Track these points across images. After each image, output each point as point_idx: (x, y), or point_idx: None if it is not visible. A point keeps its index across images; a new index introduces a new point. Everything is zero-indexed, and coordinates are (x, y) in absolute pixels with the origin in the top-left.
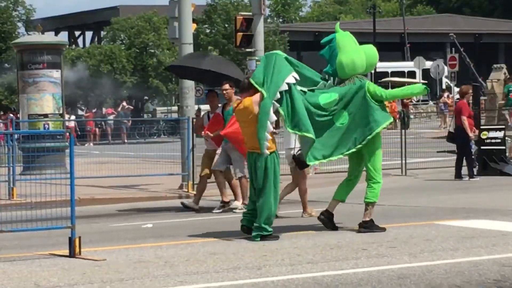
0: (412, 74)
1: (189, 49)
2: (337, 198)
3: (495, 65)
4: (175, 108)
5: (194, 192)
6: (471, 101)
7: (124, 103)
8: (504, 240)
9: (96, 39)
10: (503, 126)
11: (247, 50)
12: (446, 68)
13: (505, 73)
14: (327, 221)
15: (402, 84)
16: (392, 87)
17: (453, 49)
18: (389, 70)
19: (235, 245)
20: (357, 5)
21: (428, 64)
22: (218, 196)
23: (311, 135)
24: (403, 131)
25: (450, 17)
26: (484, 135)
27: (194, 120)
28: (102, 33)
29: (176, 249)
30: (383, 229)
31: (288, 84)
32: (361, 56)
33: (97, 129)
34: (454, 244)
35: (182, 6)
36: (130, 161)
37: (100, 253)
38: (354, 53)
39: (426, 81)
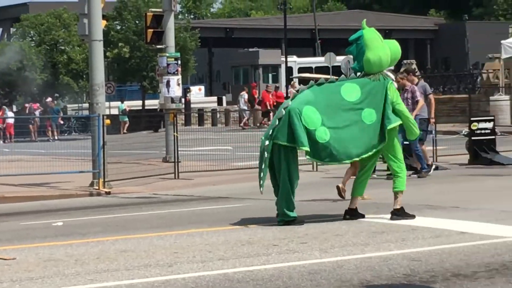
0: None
1: (99, 46)
2: (356, 195)
3: (405, 61)
4: (86, 105)
5: (105, 190)
6: None
7: (49, 99)
8: (414, 234)
9: (5, 36)
10: (493, 118)
11: (158, 46)
12: None
13: (414, 69)
14: (354, 218)
15: (314, 79)
16: (303, 82)
17: None
18: (313, 66)
19: (146, 242)
20: (268, 1)
21: (339, 59)
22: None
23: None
24: None
25: (361, 13)
26: (474, 126)
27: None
28: (12, 30)
29: (86, 247)
30: (413, 216)
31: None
32: (387, 52)
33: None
34: (364, 239)
35: (92, 2)
36: (40, 159)
37: (9, 252)
38: (380, 50)
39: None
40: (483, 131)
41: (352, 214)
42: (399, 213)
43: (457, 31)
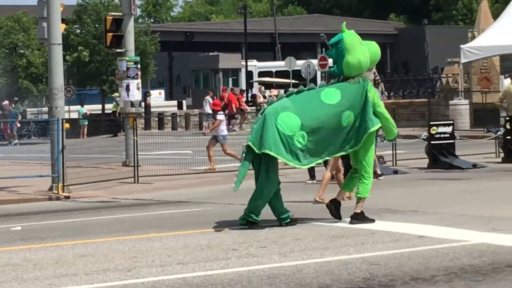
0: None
1: (58, 49)
2: (345, 189)
3: None
4: (46, 109)
5: (65, 194)
6: None
7: (6, 102)
8: (373, 238)
9: None
10: (452, 122)
11: (118, 50)
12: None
13: (374, 73)
14: (333, 209)
15: (279, 84)
16: (264, 86)
17: (324, 49)
18: (274, 70)
19: (105, 247)
20: (228, 5)
21: (299, 64)
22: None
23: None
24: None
25: (321, 18)
26: (433, 130)
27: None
28: None
29: (45, 251)
30: (373, 221)
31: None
32: (366, 55)
33: None
34: (324, 243)
35: (51, 6)
36: None
37: None
38: (360, 53)
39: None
40: (442, 135)
41: (335, 204)
42: (358, 217)
43: (417, 35)
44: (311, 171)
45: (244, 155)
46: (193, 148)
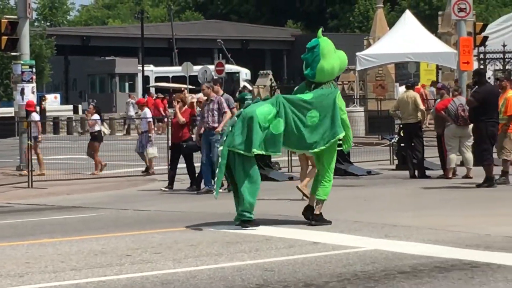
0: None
1: None
2: (314, 193)
3: (261, 71)
4: None
5: None
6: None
7: None
8: (268, 245)
9: None
10: None
11: (13, 53)
12: (213, 73)
13: (271, 79)
14: (322, 220)
15: (179, 89)
16: (160, 91)
17: (221, 55)
18: (170, 75)
19: None
20: (125, 10)
21: (196, 69)
22: None
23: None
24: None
25: (218, 23)
26: None
27: None
28: None
29: None
30: (330, 222)
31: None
32: (338, 62)
33: None
34: (218, 249)
35: None
36: None
37: None
38: (334, 60)
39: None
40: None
41: (312, 211)
42: (318, 219)
43: None
44: (172, 178)
45: (220, 160)
46: None
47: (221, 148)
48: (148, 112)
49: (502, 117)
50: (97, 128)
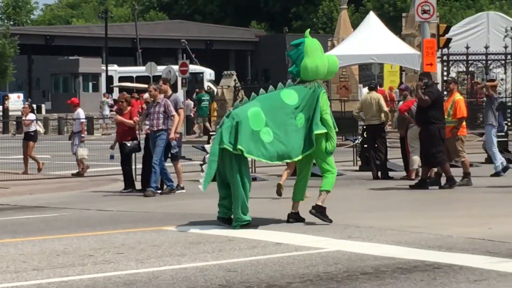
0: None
1: None
2: (297, 199)
3: (225, 72)
4: None
5: None
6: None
7: None
8: (230, 245)
9: None
10: None
11: None
12: (177, 73)
13: (235, 80)
14: (297, 221)
15: (142, 89)
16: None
17: (185, 55)
18: (134, 75)
19: None
20: (89, 9)
21: (160, 69)
22: None
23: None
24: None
25: (182, 24)
26: None
27: None
28: None
29: None
30: (330, 221)
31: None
32: (325, 63)
33: None
34: (181, 249)
35: None
36: None
37: None
38: (319, 59)
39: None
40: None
41: (295, 217)
42: (319, 210)
43: (278, 43)
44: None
45: (211, 156)
46: (51, 152)
47: (210, 146)
48: (81, 113)
49: (451, 120)
50: (32, 128)
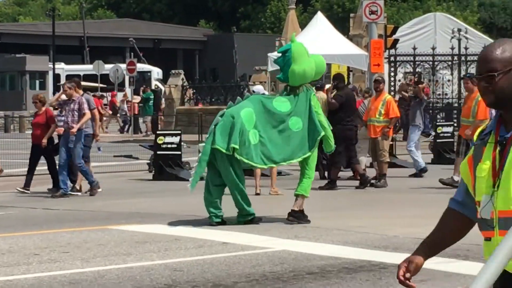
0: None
1: None
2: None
3: (173, 71)
4: None
5: None
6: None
7: None
8: (177, 244)
9: None
10: (180, 132)
11: None
12: (125, 72)
13: (182, 79)
14: (301, 218)
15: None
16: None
17: (133, 53)
18: (82, 73)
19: None
20: (36, 7)
21: (108, 67)
22: None
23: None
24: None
25: (130, 22)
26: (160, 140)
27: None
28: None
29: None
30: (308, 221)
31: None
32: (312, 66)
33: None
34: (127, 249)
35: None
36: None
37: None
38: (306, 63)
39: (107, 85)
40: (169, 145)
41: (295, 216)
42: (296, 215)
43: (226, 42)
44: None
45: (202, 155)
46: None
47: (202, 144)
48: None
49: (382, 119)
50: None
